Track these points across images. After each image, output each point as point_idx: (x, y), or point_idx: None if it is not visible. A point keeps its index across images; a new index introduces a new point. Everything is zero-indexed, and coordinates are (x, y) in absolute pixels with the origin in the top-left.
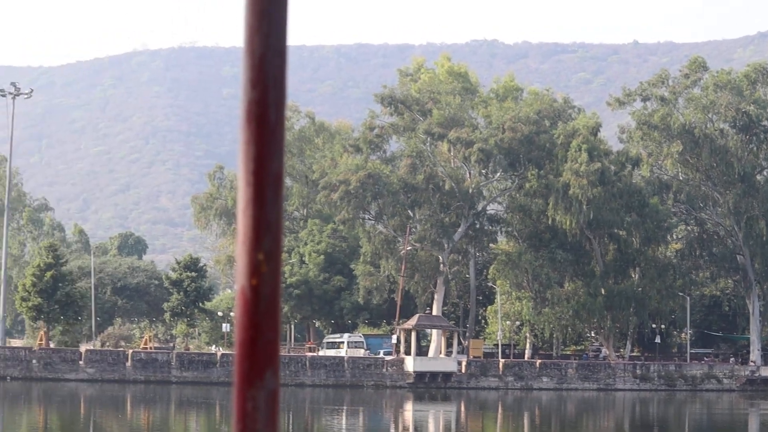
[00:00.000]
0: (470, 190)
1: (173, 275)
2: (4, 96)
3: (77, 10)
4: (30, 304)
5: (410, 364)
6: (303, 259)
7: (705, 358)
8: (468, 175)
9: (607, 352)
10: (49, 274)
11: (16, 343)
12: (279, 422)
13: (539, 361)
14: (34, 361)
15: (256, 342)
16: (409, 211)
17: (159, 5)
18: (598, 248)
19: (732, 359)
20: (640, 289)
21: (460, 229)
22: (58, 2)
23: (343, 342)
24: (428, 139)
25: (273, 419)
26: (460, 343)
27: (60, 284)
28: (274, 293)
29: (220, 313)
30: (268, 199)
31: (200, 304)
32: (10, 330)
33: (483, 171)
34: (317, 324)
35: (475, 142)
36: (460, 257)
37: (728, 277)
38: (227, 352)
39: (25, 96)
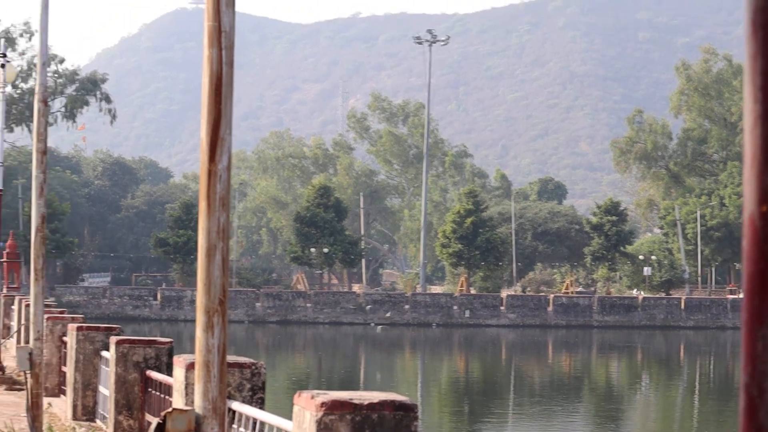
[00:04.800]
0: None
1: (594, 219)
2: (420, 43)
3: None
4: (450, 250)
5: None
6: (723, 201)
7: None
8: None
9: None
10: (469, 220)
11: (436, 289)
12: None
13: None
14: (455, 307)
15: (766, 275)
16: None
17: None
18: None
19: None
20: None
21: None
22: None
23: None
24: None
25: None
26: None
27: (480, 230)
28: None
29: (641, 257)
30: None
31: (621, 248)
32: (430, 276)
33: None
34: (738, 266)
35: None
36: None
37: None
38: (648, 295)
39: (442, 43)
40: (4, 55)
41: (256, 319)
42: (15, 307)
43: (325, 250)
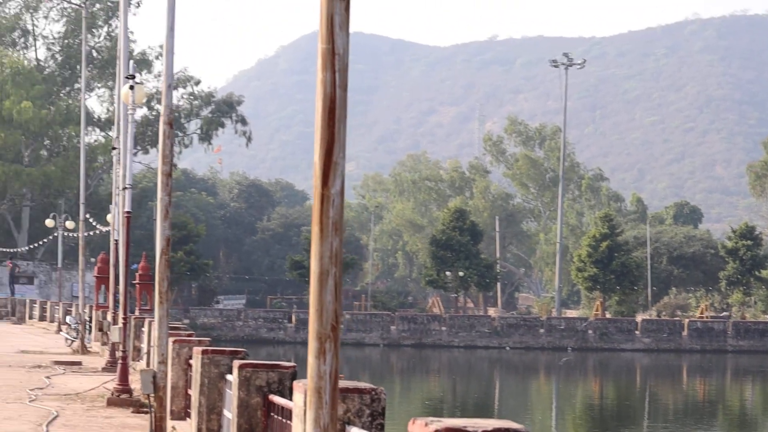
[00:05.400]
0: None
1: (729, 244)
2: (556, 67)
3: None
4: (586, 274)
5: None
6: None
7: None
8: None
9: None
10: (604, 244)
11: (572, 313)
12: None
13: None
14: (590, 331)
15: None
16: None
17: None
18: None
19: None
20: None
21: None
22: None
23: None
24: None
25: None
26: None
27: (615, 254)
28: None
29: None
30: None
31: (756, 273)
32: (566, 300)
33: None
34: None
35: None
36: None
37: None
38: None
39: (578, 66)
40: (134, 77)
41: (390, 342)
42: (145, 329)
43: (461, 273)
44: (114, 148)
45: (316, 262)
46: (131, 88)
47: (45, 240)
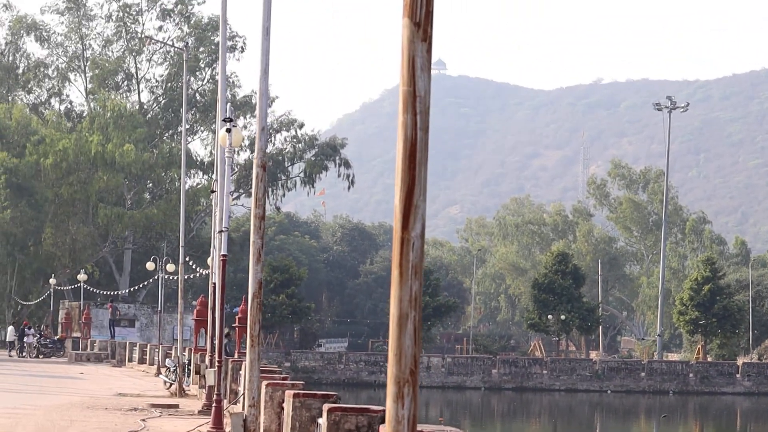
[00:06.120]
0: None
1: None
2: (660, 110)
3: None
4: (687, 317)
5: None
6: None
7: None
8: None
9: None
10: (706, 287)
11: (673, 356)
12: None
13: None
14: (691, 374)
15: None
16: None
17: None
18: None
19: None
20: None
21: None
22: (699, 14)
23: None
24: None
25: None
26: None
27: (718, 297)
28: None
29: None
30: None
31: None
32: (668, 343)
33: None
34: None
35: None
36: None
37: None
38: None
39: (681, 110)
40: (231, 120)
41: (491, 385)
42: (242, 372)
43: (562, 317)
44: (213, 191)
45: (396, 305)
46: (228, 131)
47: (146, 283)
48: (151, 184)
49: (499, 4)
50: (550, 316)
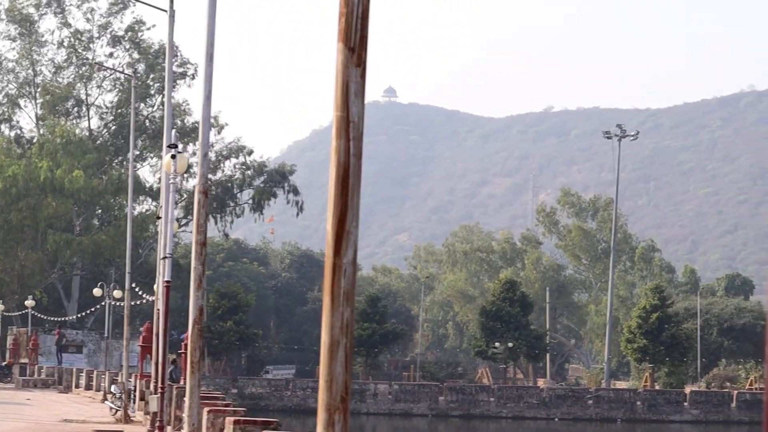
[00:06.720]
0: None
1: None
2: (610, 138)
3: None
4: (635, 345)
5: None
6: None
7: None
8: None
9: None
10: (655, 315)
11: (621, 384)
12: None
13: None
14: (638, 402)
15: None
16: None
17: (764, 46)
18: None
19: None
20: None
21: None
22: (650, 43)
23: None
24: None
25: None
26: None
27: (666, 325)
28: None
29: None
30: None
31: None
32: (615, 371)
33: None
34: None
35: None
36: None
37: None
38: None
39: (632, 138)
40: (176, 146)
41: (439, 412)
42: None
43: (510, 344)
44: (159, 218)
45: (327, 332)
46: (173, 157)
47: (94, 309)
48: (100, 211)
49: (451, 33)
50: (497, 344)
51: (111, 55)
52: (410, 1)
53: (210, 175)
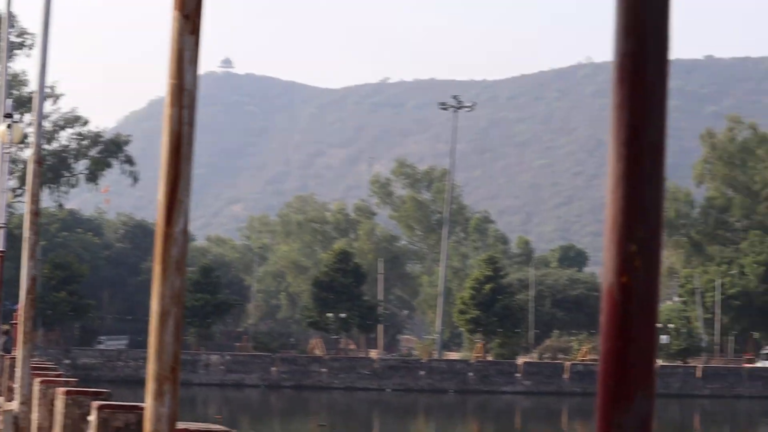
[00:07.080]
0: None
1: None
2: (446, 109)
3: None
4: (468, 316)
5: None
6: (743, 270)
7: None
8: None
9: None
10: (488, 286)
11: (453, 355)
12: None
13: None
14: (470, 373)
15: (625, 354)
16: None
17: (601, 19)
18: None
19: None
20: None
21: None
22: (489, 15)
23: None
24: None
25: None
26: None
27: (499, 296)
28: (651, 294)
29: (659, 325)
30: (644, 177)
31: None
32: (447, 343)
33: None
34: (756, 335)
35: None
36: None
37: None
38: (665, 363)
39: (467, 109)
40: (11, 116)
41: (271, 383)
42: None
43: (342, 315)
44: None
45: (157, 301)
46: (9, 126)
47: None
48: None
49: (288, 2)
50: (330, 315)
51: None
52: None
53: (45, 146)
